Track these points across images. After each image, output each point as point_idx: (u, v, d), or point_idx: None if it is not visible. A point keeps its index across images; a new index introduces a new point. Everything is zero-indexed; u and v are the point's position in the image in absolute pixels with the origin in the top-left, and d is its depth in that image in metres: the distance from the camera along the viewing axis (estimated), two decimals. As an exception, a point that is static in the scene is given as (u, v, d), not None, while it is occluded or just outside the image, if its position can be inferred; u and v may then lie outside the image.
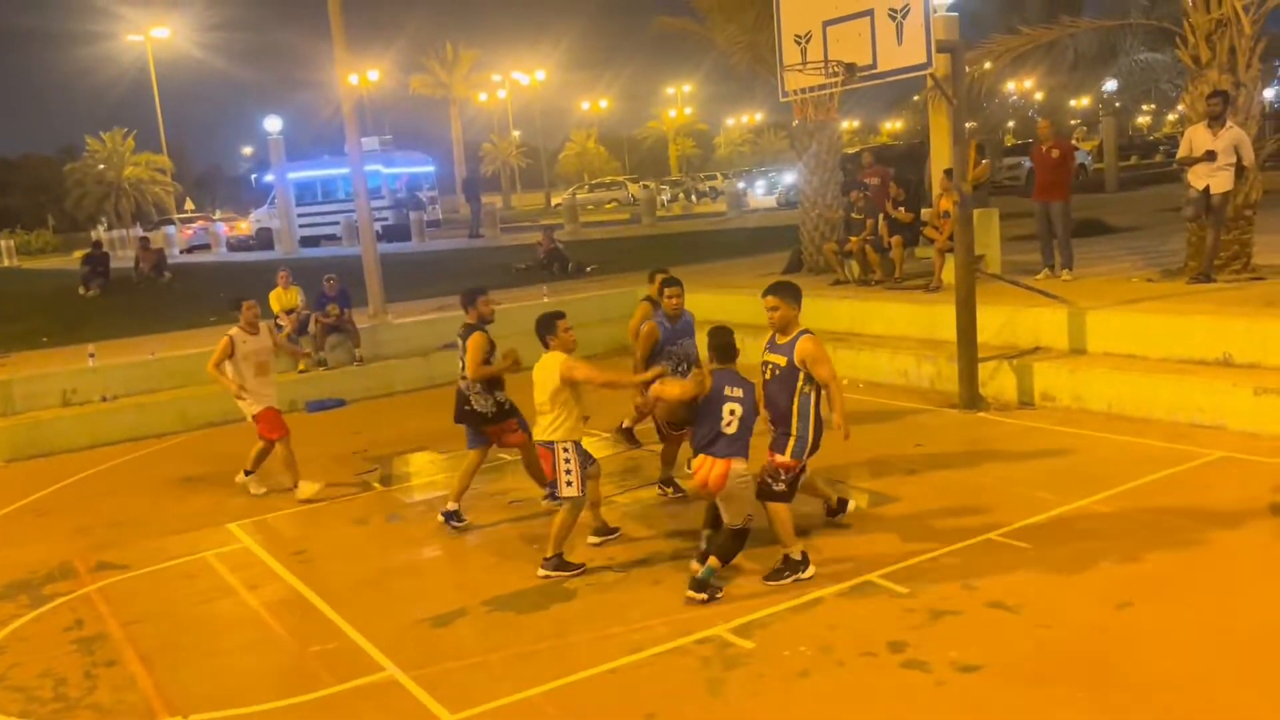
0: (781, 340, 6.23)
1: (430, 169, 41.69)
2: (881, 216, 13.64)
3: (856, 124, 73.89)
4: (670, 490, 7.90)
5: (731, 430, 5.88)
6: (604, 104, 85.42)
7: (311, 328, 13.37)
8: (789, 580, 5.98)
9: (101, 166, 63.78)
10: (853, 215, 14.28)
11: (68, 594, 6.98)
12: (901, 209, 13.63)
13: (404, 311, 15.48)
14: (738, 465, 5.87)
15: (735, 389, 5.95)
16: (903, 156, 25.60)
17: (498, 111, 77.83)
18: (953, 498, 7.27)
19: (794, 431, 6.10)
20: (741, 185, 41.46)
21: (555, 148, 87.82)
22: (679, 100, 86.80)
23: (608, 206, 50.00)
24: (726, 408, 5.90)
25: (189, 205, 59.98)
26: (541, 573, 6.44)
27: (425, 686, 5.17)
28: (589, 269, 19.64)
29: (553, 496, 7.05)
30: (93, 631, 6.29)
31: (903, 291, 12.69)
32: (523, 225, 39.14)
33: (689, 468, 6.16)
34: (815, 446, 6.22)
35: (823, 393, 6.16)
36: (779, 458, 6.11)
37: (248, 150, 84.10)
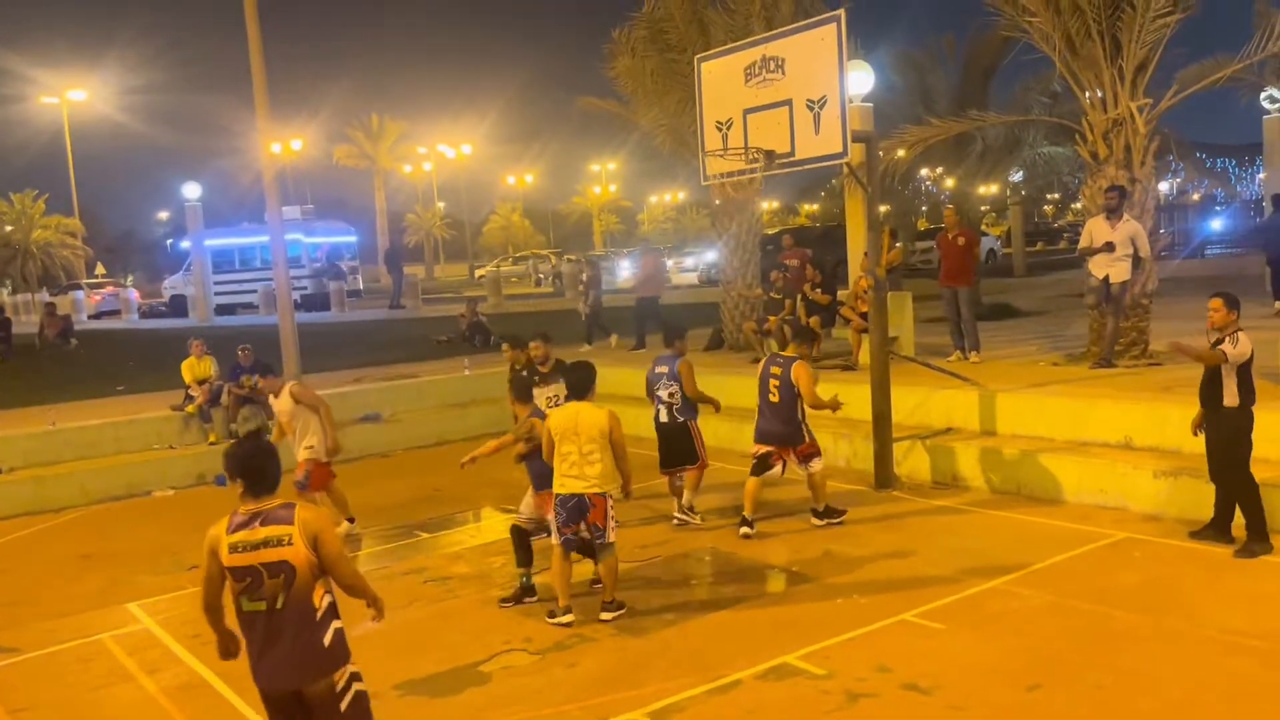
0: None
1: (353, 239, 41.42)
2: (800, 297, 13.94)
3: (776, 204, 75.66)
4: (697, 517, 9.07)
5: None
6: (529, 178, 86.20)
7: (225, 399, 13.07)
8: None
9: (9, 229, 61.90)
10: (772, 295, 14.57)
11: (-50, 680, 6.60)
12: (819, 290, 13.96)
13: (320, 383, 15.20)
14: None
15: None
16: (820, 238, 26.36)
17: (422, 183, 77.98)
18: (867, 577, 7.36)
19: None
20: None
21: (480, 220, 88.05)
22: (604, 177, 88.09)
23: (513, 280, 49.31)
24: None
25: (100, 270, 58.47)
26: (606, 616, 6.81)
27: (331, 777, 4.97)
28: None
29: None
30: (-25, 721, 5.95)
31: (821, 370, 12.91)
32: (445, 296, 39.00)
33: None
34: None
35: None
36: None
37: (163, 215, 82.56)
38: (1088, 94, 11.41)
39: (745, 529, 8.50)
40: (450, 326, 21.55)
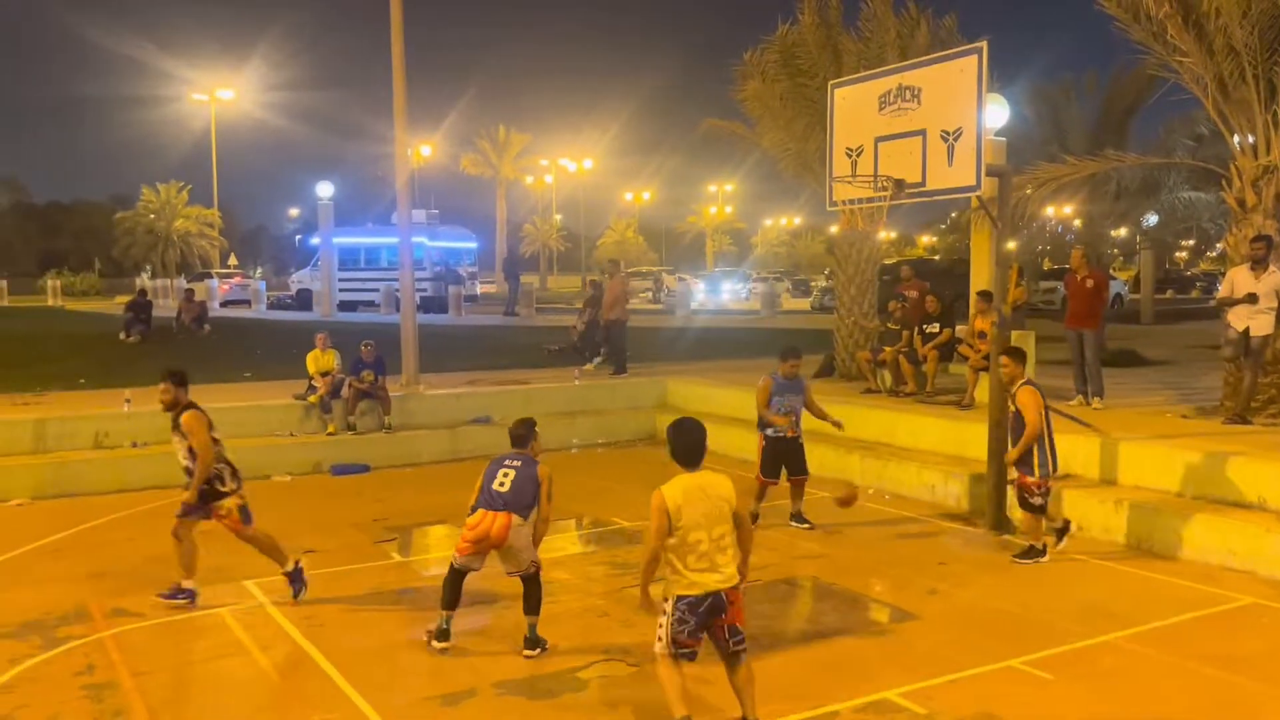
0: (1013, 390, 8.47)
1: (473, 245, 42.39)
2: (917, 329, 13.72)
3: (894, 235, 74.69)
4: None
5: (504, 489, 6.51)
6: (646, 195, 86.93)
7: (345, 392, 13.51)
8: (1030, 563, 8.39)
9: (152, 216, 65.36)
10: (889, 326, 14.37)
11: (81, 638, 6.97)
12: (937, 324, 13.71)
13: (436, 383, 15.62)
14: (516, 518, 6.45)
15: (515, 461, 6.68)
16: (941, 273, 25.93)
17: (542, 195, 79.42)
18: (974, 620, 7.17)
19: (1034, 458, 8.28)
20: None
21: (595, 234, 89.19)
22: (720, 198, 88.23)
23: (642, 295, 50.27)
24: (500, 472, 6.60)
25: (232, 261, 61.22)
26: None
27: (430, 766, 5.10)
28: (620, 356, 19.74)
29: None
30: (103, 679, 6.26)
31: (934, 405, 12.68)
32: (557, 306, 39.60)
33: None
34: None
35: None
36: (1027, 478, 8.31)
37: (294, 212, 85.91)
38: (1238, 139, 10.97)
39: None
40: (562, 336, 21.83)
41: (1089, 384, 12.15)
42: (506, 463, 6.67)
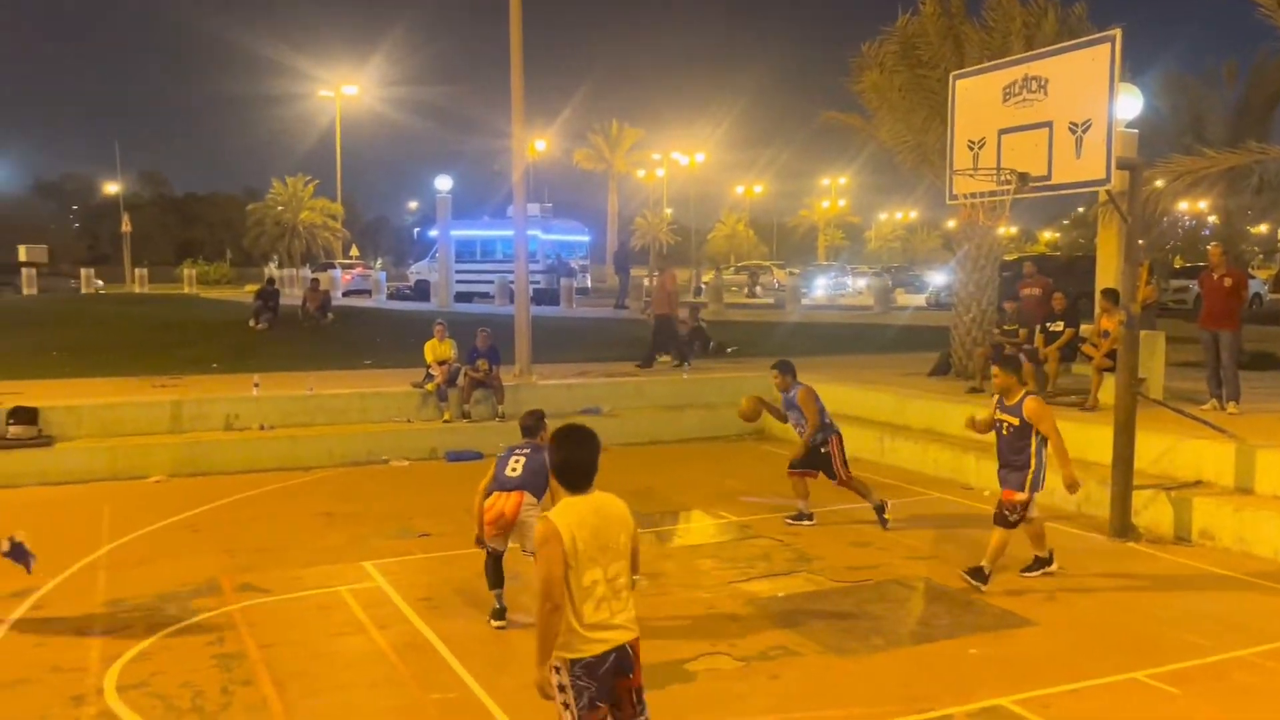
0: (1009, 402, 7.72)
1: (585, 238, 42.80)
2: (1039, 328, 13.30)
3: (1015, 230, 72.52)
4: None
5: (516, 473, 6.93)
6: (758, 189, 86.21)
7: (460, 380, 13.82)
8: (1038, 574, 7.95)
9: (280, 208, 67.89)
10: (1005, 325, 13.97)
11: (212, 610, 7.33)
12: (1060, 322, 13.26)
13: (547, 374, 15.85)
14: (529, 497, 6.87)
15: (524, 449, 7.10)
16: (1062, 269, 25.01)
17: (653, 188, 79.56)
18: (1095, 628, 6.93)
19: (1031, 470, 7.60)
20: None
21: (706, 228, 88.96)
22: (833, 192, 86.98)
23: (732, 289, 49.02)
24: (512, 459, 7.04)
25: (354, 252, 63.11)
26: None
27: (539, 750, 5.19)
28: (730, 350, 19.72)
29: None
30: (232, 649, 6.57)
31: (1056, 407, 12.25)
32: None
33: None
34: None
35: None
36: (1017, 495, 7.63)
37: (413, 205, 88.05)
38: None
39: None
40: (672, 330, 21.86)
41: (1224, 387, 11.58)
42: (517, 451, 7.12)
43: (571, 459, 4.16)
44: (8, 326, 23.89)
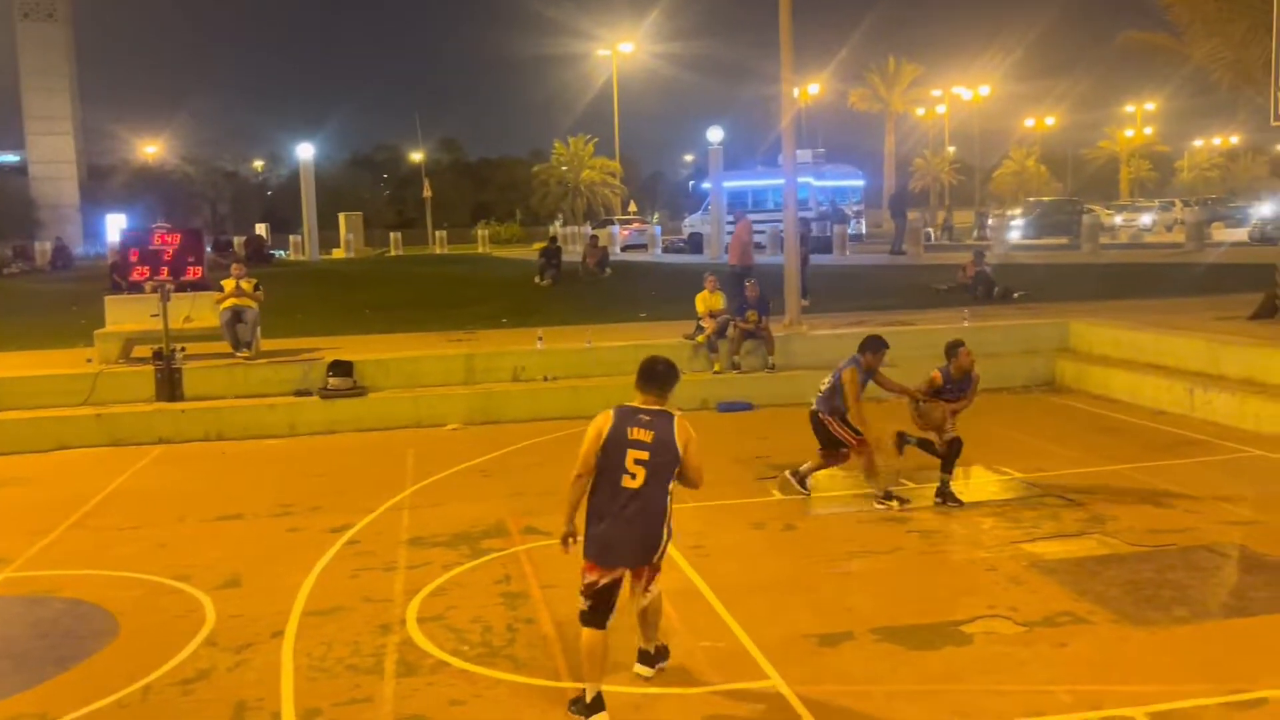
0: None
1: (860, 183, 41.68)
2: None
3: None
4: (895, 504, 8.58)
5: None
6: (1050, 121, 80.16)
7: (730, 331, 13.89)
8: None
9: (564, 169, 70.99)
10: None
11: (500, 551, 7.82)
12: None
13: (819, 324, 15.60)
14: None
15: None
16: None
17: (933, 127, 76.04)
18: None
19: None
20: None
21: (991, 165, 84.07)
22: (1138, 120, 79.35)
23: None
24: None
25: (632, 208, 64.97)
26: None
27: (806, 704, 5.16)
28: (1017, 295, 18.58)
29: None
30: (518, 589, 7.00)
31: None
32: (945, 244, 37.91)
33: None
34: None
35: None
36: None
37: (689, 158, 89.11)
38: None
39: None
40: (949, 276, 20.90)
41: None
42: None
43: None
44: (328, 287, 26.61)
